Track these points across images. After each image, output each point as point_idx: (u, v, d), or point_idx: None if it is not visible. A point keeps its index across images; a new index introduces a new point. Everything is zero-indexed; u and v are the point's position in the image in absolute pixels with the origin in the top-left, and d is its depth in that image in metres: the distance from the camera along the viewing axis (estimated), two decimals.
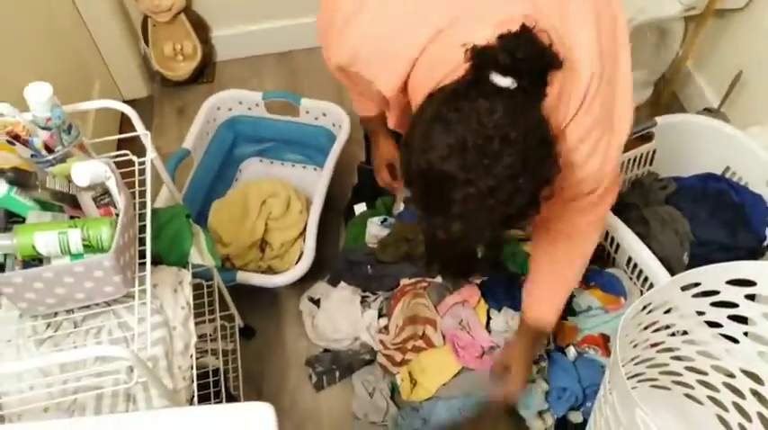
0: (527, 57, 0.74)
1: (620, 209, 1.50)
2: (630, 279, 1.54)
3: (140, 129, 1.07)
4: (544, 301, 1.20)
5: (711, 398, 1.33)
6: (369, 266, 1.54)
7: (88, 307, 0.96)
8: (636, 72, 1.97)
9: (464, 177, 0.74)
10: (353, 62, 0.96)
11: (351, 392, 1.48)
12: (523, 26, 0.76)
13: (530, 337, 1.25)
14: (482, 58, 0.75)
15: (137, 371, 0.84)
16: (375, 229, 1.61)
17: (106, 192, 0.94)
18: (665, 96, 1.97)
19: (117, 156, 1.03)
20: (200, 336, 1.33)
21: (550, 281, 1.18)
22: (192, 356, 1.03)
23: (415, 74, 0.89)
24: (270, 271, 1.60)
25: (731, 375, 1.23)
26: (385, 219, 1.61)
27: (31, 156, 0.93)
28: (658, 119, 1.61)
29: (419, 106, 0.82)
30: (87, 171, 0.89)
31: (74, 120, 0.98)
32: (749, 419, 1.24)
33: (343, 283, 1.56)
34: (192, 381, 1.03)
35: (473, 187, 0.74)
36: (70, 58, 1.75)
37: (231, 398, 1.36)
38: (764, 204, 1.54)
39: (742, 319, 1.13)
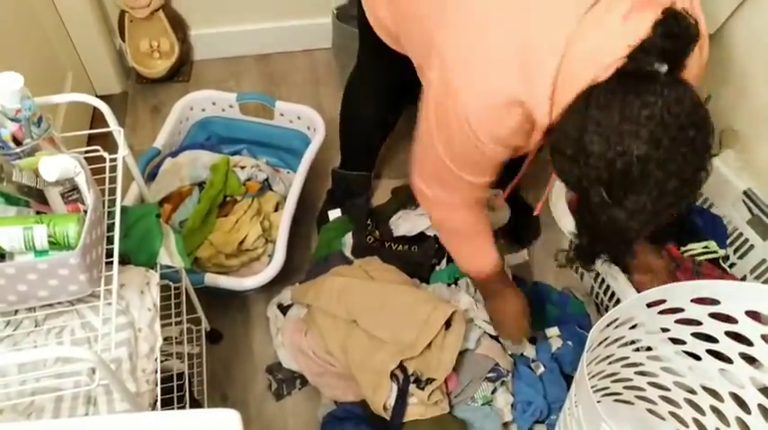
0: (683, 38, 0.77)
1: None
2: (597, 295, 1.56)
3: (113, 125, 1.05)
4: None
5: (673, 414, 1.35)
6: None
7: (51, 305, 0.94)
8: None
9: (664, 160, 0.78)
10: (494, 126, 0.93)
11: (317, 399, 1.46)
12: (669, 10, 0.77)
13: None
14: (645, 52, 0.77)
15: (99, 374, 0.81)
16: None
17: (75, 188, 0.91)
18: None
19: (88, 152, 1.01)
20: (166, 339, 1.30)
21: None
22: (156, 359, 1.01)
23: (561, 83, 0.85)
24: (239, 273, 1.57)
25: (693, 391, 1.25)
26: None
27: None
28: None
29: (572, 107, 0.83)
30: (56, 165, 0.87)
31: (45, 113, 0.96)
32: None
33: None
34: (156, 385, 1.01)
35: (674, 169, 0.79)
36: (42, 50, 1.71)
37: (195, 403, 1.34)
38: (723, 224, 1.59)
39: (705, 337, 1.15)
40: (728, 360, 1.14)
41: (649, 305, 1.09)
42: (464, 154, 1.00)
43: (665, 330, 1.17)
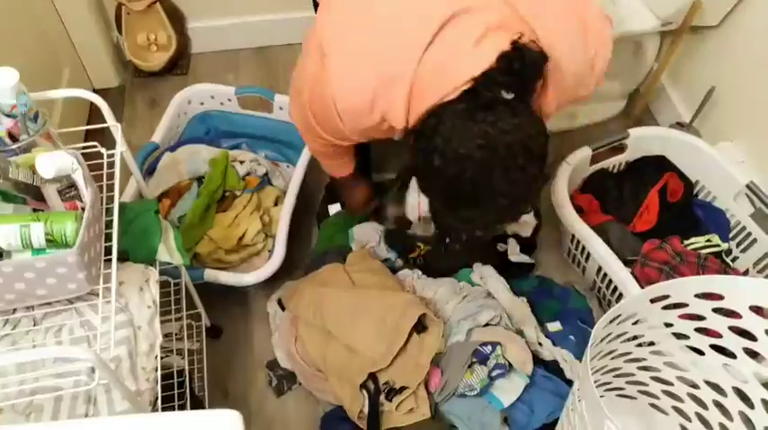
0: (524, 73, 0.85)
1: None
2: (600, 289, 1.56)
3: (110, 121, 1.03)
4: None
5: (676, 409, 1.35)
6: None
7: (49, 304, 0.93)
8: (611, 83, 2.00)
9: (494, 183, 0.87)
10: (351, 111, 0.99)
11: None
12: (515, 44, 0.84)
13: None
14: (487, 82, 0.85)
15: (98, 373, 0.80)
16: (362, 235, 1.59)
17: (72, 185, 0.90)
18: (638, 109, 2.00)
19: (85, 148, 0.99)
20: (166, 335, 1.30)
21: None
22: (156, 357, 1.00)
23: (415, 94, 0.91)
24: (239, 269, 1.57)
25: (695, 386, 1.25)
26: None
27: None
28: (632, 131, 1.63)
29: (425, 122, 0.92)
30: (53, 162, 0.86)
31: (40, 109, 0.95)
32: None
33: None
34: (157, 383, 1.00)
35: (503, 190, 0.88)
36: (38, 44, 1.69)
37: (196, 400, 1.33)
38: (725, 217, 1.58)
39: (708, 332, 1.15)
40: (732, 355, 1.14)
41: (653, 301, 1.08)
42: (329, 123, 1.05)
43: (668, 325, 1.17)
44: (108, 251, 0.93)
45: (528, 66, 0.84)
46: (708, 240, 1.54)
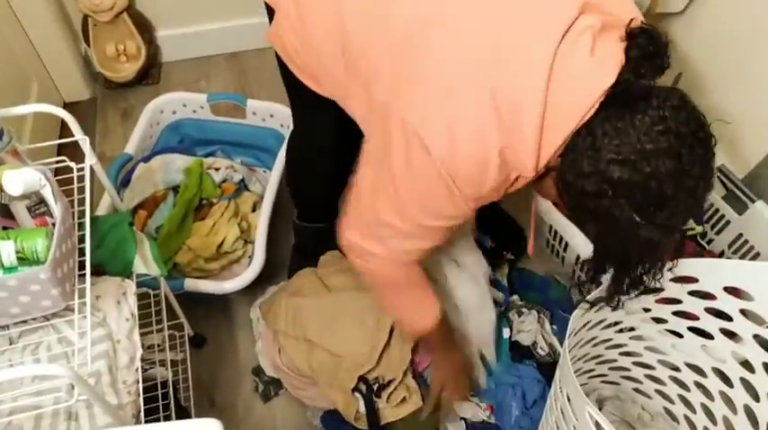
0: (660, 51, 0.80)
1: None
2: (580, 277, 1.57)
3: (78, 134, 1.02)
4: None
5: (659, 392, 1.37)
6: None
7: (25, 322, 0.91)
8: None
9: (688, 169, 0.79)
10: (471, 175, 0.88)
11: None
12: (633, 30, 0.80)
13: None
14: (633, 75, 0.79)
15: (77, 389, 0.80)
16: None
17: (42, 201, 0.89)
18: None
19: (57, 163, 0.99)
20: (149, 347, 1.29)
21: None
22: (137, 370, 1.00)
23: (546, 137, 0.83)
24: (220, 276, 1.56)
25: (676, 369, 1.27)
26: None
27: None
28: None
29: (574, 147, 0.82)
30: (20, 179, 0.85)
31: (7, 126, 0.93)
32: (693, 411, 1.28)
33: None
34: (138, 396, 1.00)
35: (698, 172, 0.80)
36: (3, 59, 1.67)
37: (181, 410, 1.32)
38: None
39: (685, 315, 1.16)
40: (709, 336, 1.15)
41: None
42: (438, 210, 0.95)
43: (646, 310, 1.18)
44: (82, 266, 0.92)
45: (659, 44, 0.80)
46: None
